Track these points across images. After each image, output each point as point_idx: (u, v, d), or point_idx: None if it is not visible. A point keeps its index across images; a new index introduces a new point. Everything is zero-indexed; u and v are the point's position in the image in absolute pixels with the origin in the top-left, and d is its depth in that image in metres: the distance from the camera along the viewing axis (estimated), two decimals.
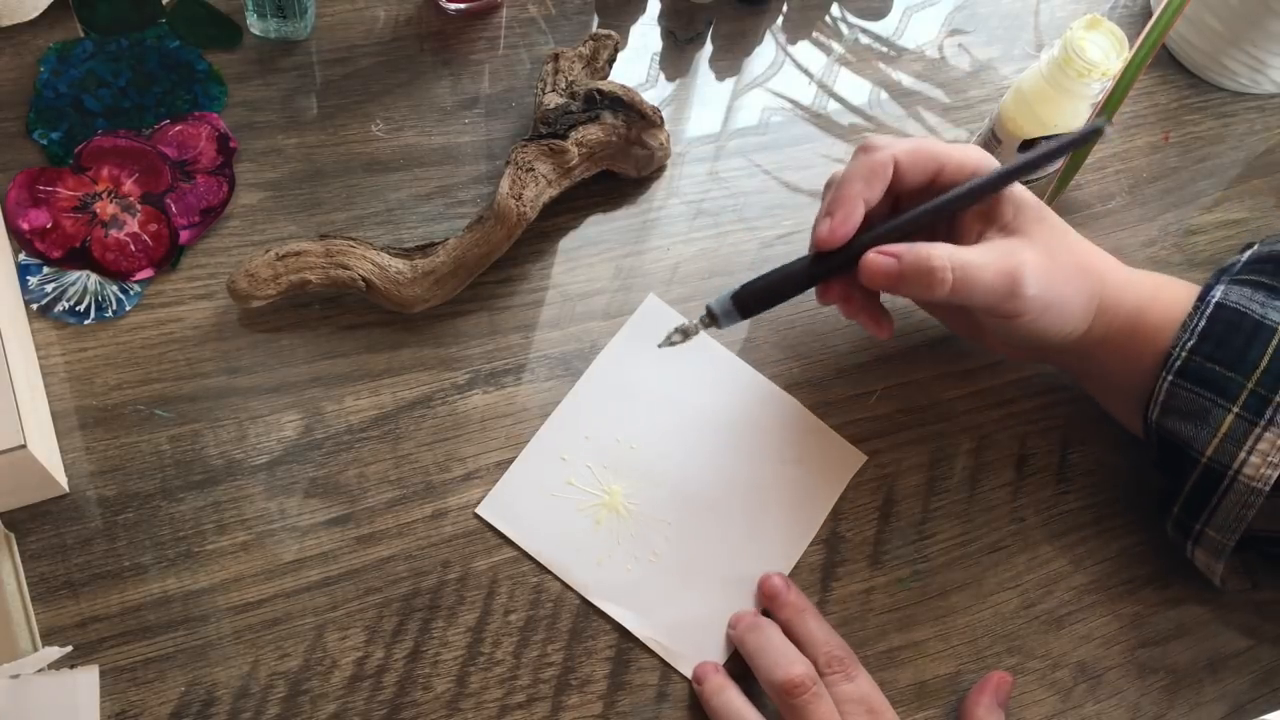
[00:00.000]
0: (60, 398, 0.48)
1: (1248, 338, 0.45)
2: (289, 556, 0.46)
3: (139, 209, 0.52)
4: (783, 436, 0.52)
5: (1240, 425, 0.44)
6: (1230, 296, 0.46)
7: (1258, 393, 0.44)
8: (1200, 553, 0.48)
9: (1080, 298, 0.47)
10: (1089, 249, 0.48)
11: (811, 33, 0.65)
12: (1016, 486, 0.52)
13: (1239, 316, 0.45)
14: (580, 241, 0.55)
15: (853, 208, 0.45)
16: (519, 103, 0.59)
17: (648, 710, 0.46)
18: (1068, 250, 0.47)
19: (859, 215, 0.45)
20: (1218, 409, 0.44)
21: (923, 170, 0.46)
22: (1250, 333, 0.45)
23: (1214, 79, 0.66)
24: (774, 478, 0.51)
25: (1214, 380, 0.45)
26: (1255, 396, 0.44)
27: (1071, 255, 0.47)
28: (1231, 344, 0.45)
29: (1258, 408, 0.44)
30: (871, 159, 0.45)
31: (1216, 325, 0.45)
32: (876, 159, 0.45)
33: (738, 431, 0.51)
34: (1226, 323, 0.45)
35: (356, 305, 0.52)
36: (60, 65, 0.54)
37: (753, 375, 0.53)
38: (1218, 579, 0.48)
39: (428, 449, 0.49)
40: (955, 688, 0.48)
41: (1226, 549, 0.46)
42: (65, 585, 0.44)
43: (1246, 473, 0.44)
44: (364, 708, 0.44)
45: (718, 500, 0.50)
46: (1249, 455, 0.44)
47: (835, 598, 0.49)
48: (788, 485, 0.51)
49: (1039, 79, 0.54)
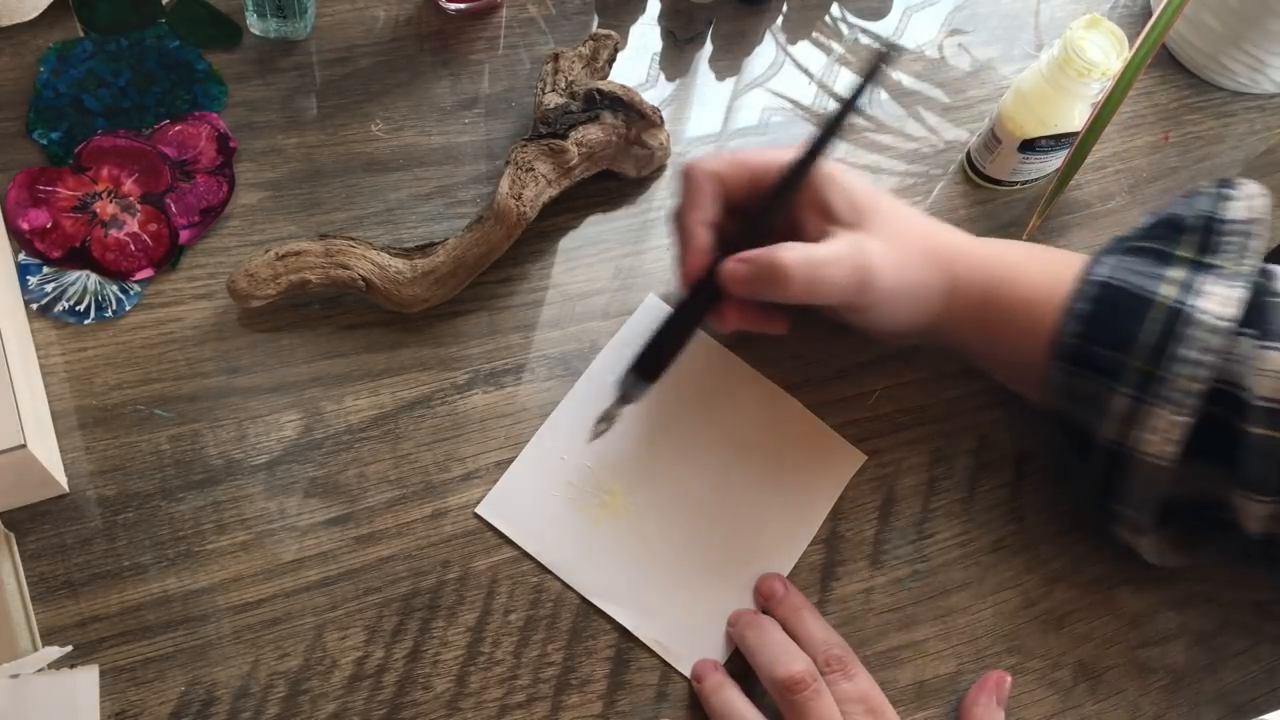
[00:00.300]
0: (60, 398, 0.48)
1: (1129, 314, 0.44)
2: (289, 556, 0.46)
3: (139, 209, 0.52)
4: (783, 436, 0.52)
5: (1131, 405, 0.44)
6: (1113, 272, 0.46)
7: (1144, 370, 0.43)
8: (1124, 532, 0.48)
9: (930, 282, 0.47)
10: (932, 229, 0.49)
11: (811, 33, 0.65)
12: (1016, 486, 0.52)
13: (1119, 294, 0.45)
14: (580, 241, 0.55)
15: (696, 237, 0.46)
16: (519, 103, 0.59)
17: (648, 710, 0.46)
18: (911, 235, 0.47)
19: (705, 241, 0.46)
20: (1108, 390, 0.44)
21: (743, 179, 0.47)
22: (1132, 309, 0.44)
23: (1214, 79, 0.66)
24: (774, 477, 0.51)
25: (1100, 362, 0.44)
26: (1141, 374, 0.43)
27: (917, 240, 0.47)
28: (1113, 323, 0.45)
29: (1145, 385, 0.43)
30: (692, 182, 0.47)
31: (1098, 305, 0.45)
32: (696, 180, 0.47)
33: (738, 431, 0.51)
34: (1108, 301, 0.45)
35: (356, 305, 0.52)
36: (60, 65, 0.55)
37: (753, 375, 0.53)
38: (1149, 556, 0.48)
39: (427, 449, 0.49)
40: (955, 687, 0.48)
41: (1147, 526, 0.46)
42: (65, 585, 0.44)
43: (1147, 451, 0.43)
44: (364, 707, 0.44)
45: (718, 500, 0.50)
46: (1145, 434, 0.43)
47: (835, 598, 0.49)
48: (788, 485, 0.51)
49: (1039, 79, 0.54)
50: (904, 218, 0.48)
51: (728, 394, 0.52)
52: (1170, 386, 0.43)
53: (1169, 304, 0.44)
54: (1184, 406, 0.43)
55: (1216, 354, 0.42)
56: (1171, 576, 0.51)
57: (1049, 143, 0.56)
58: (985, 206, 0.60)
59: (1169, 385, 0.43)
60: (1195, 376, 0.42)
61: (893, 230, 0.46)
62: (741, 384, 0.53)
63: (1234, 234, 0.45)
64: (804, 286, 0.44)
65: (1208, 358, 0.42)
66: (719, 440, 0.51)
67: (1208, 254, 0.45)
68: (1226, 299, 0.43)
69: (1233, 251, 0.45)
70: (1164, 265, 0.45)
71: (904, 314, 0.48)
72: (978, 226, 0.59)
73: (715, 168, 0.47)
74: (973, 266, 0.48)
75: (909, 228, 0.48)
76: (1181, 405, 0.43)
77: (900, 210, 0.48)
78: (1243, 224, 0.46)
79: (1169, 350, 0.43)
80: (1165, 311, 0.44)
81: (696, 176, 0.47)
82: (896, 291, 0.46)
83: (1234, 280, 0.44)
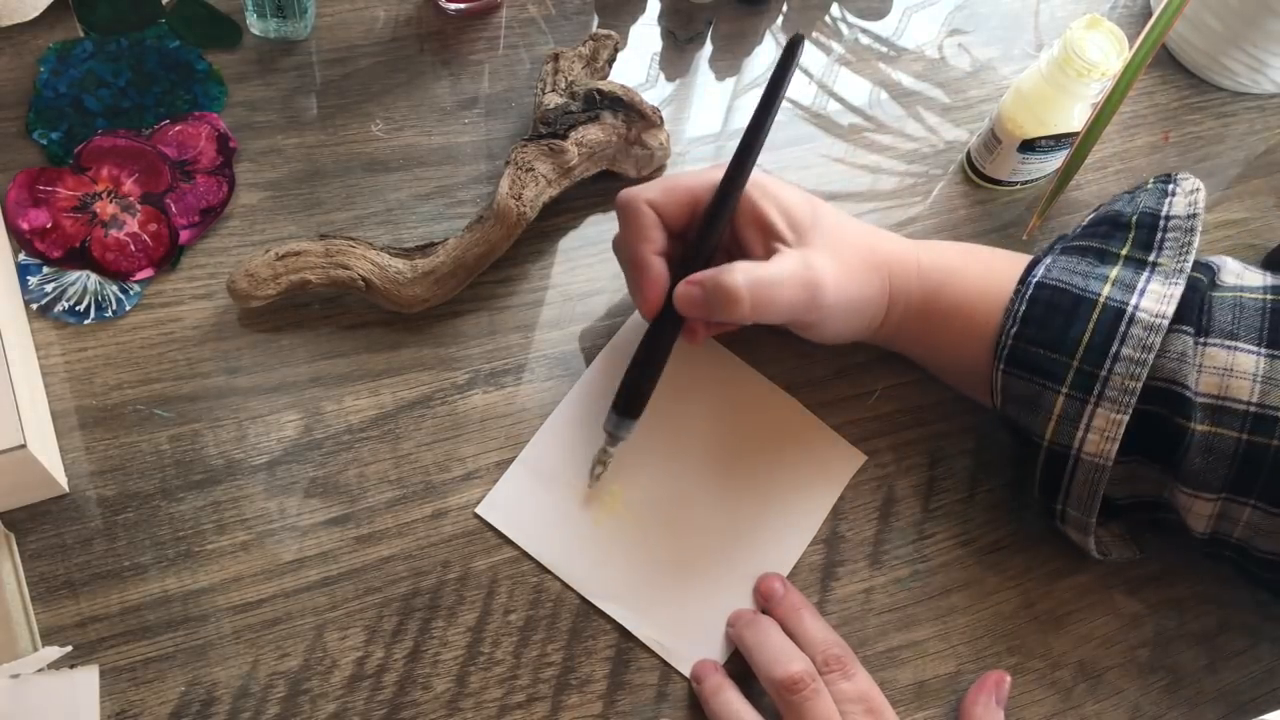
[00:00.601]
0: (60, 398, 0.48)
1: (1068, 315, 0.45)
2: (289, 556, 0.46)
3: (139, 209, 0.52)
4: (783, 436, 0.52)
5: (1072, 405, 0.44)
6: (1052, 273, 0.46)
7: (1083, 369, 0.44)
8: (1069, 530, 0.48)
9: (873, 292, 0.48)
10: (873, 239, 0.49)
11: (811, 33, 0.65)
12: (1016, 486, 0.52)
13: (1058, 295, 0.45)
14: (580, 241, 0.55)
15: (652, 268, 0.47)
16: (519, 103, 0.59)
17: (648, 710, 0.46)
18: (853, 246, 0.47)
19: (660, 270, 0.47)
20: (1048, 392, 0.44)
21: (679, 204, 0.47)
22: (1070, 309, 0.45)
23: (1214, 79, 0.66)
24: (774, 478, 0.51)
25: (1040, 364, 0.45)
26: (1081, 374, 0.44)
27: (856, 252, 0.47)
28: (1052, 324, 0.45)
29: (1086, 385, 0.44)
30: (633, 213, 0.47)
31: (1037, 307, 0.45)
32: (637, 210, 0.47)
33: (738, 431, 0.51)
34: (1046, 303, 0.45)
35: (356, 305, 0.52)
36: (60, 65, 0.55)
37: (753, 375, 0.53)
38: (1093, 552, 0.48)
39: (427, 449, 0.49)
40: (955, 687, 0.48)
41: (1090, 524, 0.46)
42: (65, 585, 0.44)
43: (1088, 450, 0.44)
44: (364, 707, 0.44)
45: (717, 500, 0.50)
46: (1086, 433, 0.44)
47: (835, 598, 0.49)
48: (788, 485, 0.51)
49: (1039, 79, 0.54)
50: (844, 229, 0.48)
51: (727, 394, 0.52)
52: (1110, 385, 0.43)
53: (1108, 303, 0.44)
54: (1123, 405, 0.43)
55: (1154, 352, 0.43)
56: (1171, 577, 0.51)
57: (1049, 143, 0.56)
58: (985, 206, 0.60)
59: (1108, 384, 0.43)
60: (1134, 375, 0.43)
61: (835, 242, 0.47)
62: (741, 384, 0.53)
63: (1175, 229, 0.46)
64: (753, 307, 0.44)
65: (1146, 356, 0.43)
66: (719, 440, 0.51)
67: (1149, 251, 0.46)
68: (1164, 296, 0.44)
69: (1173, 248, 0.45)
70: (1104, 264, 0.46)
71: (848, 325, 0.48)
72: (978, 226, 0.59)
73: (651, 196, 0.47)
74: (912, 274, 0.49)
75: (850, 239, 0.48)
76: (1120, 404, 0.43)
77: (839, 221, 0.48)
78: (1184, 219, 0.46)
79: (1108, 349, 0.43)
80: (1104, 310, 0.44)
81: (637, 206, 0.47)
82: (842, 305, 0.47)
83: (1173, 277, 0.44)
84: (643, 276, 0.47)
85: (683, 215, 0.47)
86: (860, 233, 0.49)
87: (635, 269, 0.47)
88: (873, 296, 0.48)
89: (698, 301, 0.45)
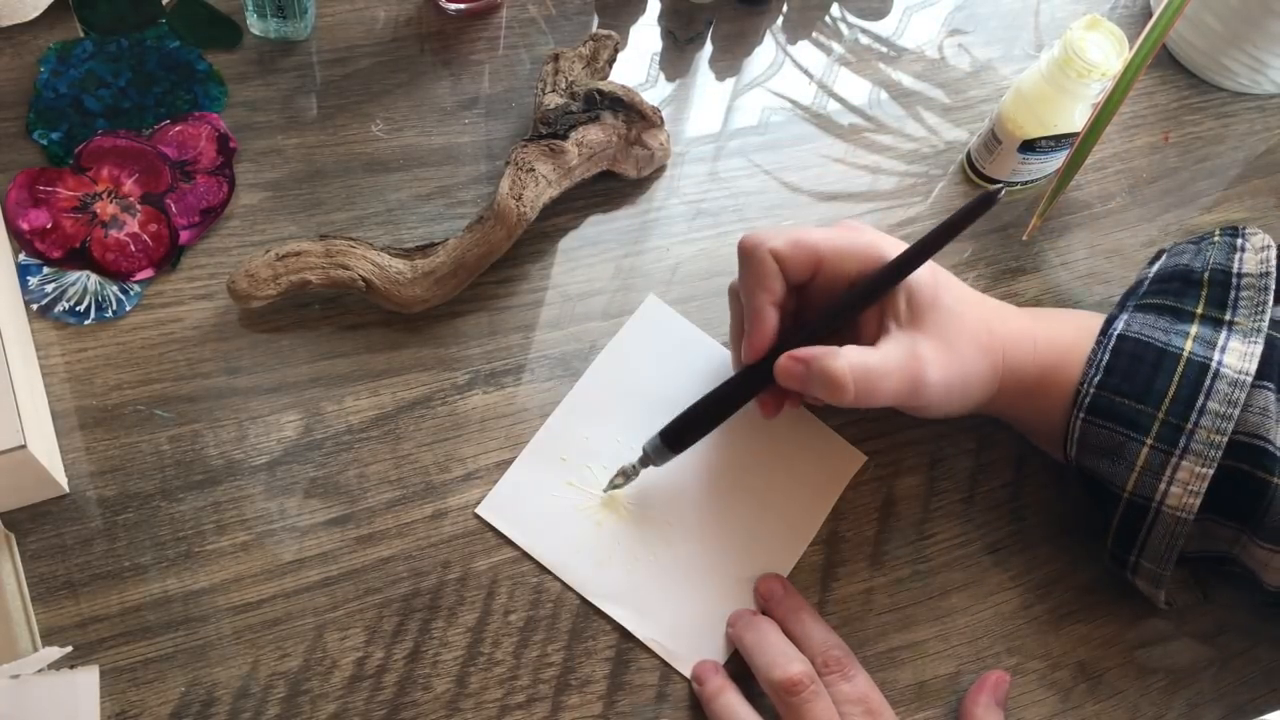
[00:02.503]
0: (60, 398, 0.48)
1: (1153, 368, 0.45)
2: (289, 556, 0.46)
3: (139, 209, 0.52)
4: (783, 436, 0.52)
5: (1156, 457, 0.44)
6: (1132, 327, 0.46)
7: (1169, 422, 0.44)
8: (1140, 581, 0.47)
9: (982, 376, 0.47)
10: (987, 319, 0.47)
11: (811, 33, 0.65)
12: (1016, 486, 0.53)
13: (1142, 348, 0.45)
14: (580, 241, 0.55)
15: (765, 318, 0.46)
16: (519, 103, 0.59)
17: (648, 710, 0.46)
18: (967, 330, 0.46)
19: (773, 323, 0.46)
20: (1132, 442, 0.44)
21: (803, 264, 0.46)
22: (1155, 362, 0.45)
23: (1214, 79, 0.66)
24: (774, 477, 0.51)
25: (1124, 414, 0.45)
26: (1167, 426, 0.44)
27: (971, 337, 0.46)
28: (1137, 376, 0.45)
29: (1171, 438, 0.43)
30: (756, 261, 0.46)
31: (1121, 358, 0.45)
32: (760, 258, 0.46)
33: (738, 431, 0.51)
34: (1130, 355, 0.45)
35: (356, 305, 0.52)
36: (60, 65, 0.54)
37: None
38: (1161, 604, 0.48)
39: (428, 449, 0.49)
40: (955, 688, 0.48)
41: (1165, 578, 0.46)
42: (65, 585, 0.44)
43: (1170, 504, 0.44)
44: (364, 708, 0.44)
45: (718, 500, 0.50)
46: (1169, 486, 0.43)
47: (835, 598, 0.49)
48: (788, 485, 0.51)
49: (1039, 79, 0.54)
50: (961, 311, 0.46)
51: None
52: (1195, 439, 0.43)
53: (1191, 357, 0.44)
54: (1208, 459, 0.43)
55: (1240, 407, 0.43)
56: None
57: (1049, 143, 0.56)
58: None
59: (1194, 437, 0.43)
60: (1220, 429, 0.43)
61: (948, 329, 0.45)
62: None
63: (1249, 288, 0.46)
64: (857, 396, 0.43)
65: (1233, 410, 0.43)
66: (719, 441, 0.51)
67: (1224, 310, 0.46)
68: (1245, 354, 0.44)
69: (1248, 307, 0.45)
70: (1181, 322, 0.46)
71: (955, 404, 0.47)
72: (978, 227, 0.58)
73: (777, 246, 0.46)
74: (1025, 353, 0.47)
75: (968, 323, 0.46)
76: (1205, 457, 0.43)
77: (958, 300, 0.47)
78: (1257, 278, 0.46)
79: (1194, 402, 0.43)
80: (1188, 364, 0.44)
81: (761, 255, 0.46)
82: (947, 388, 0.45)
83: (1252, 335, 0.45)
84: (755, 327, 0.46)
85: (805, 271, 0.46)
86: (977, 314, 0.47)
87: (750, 317, 0.46)
88: (981, 379, 0.46)
89: (798, 377, 0.45)
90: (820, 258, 0.46)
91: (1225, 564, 0.47)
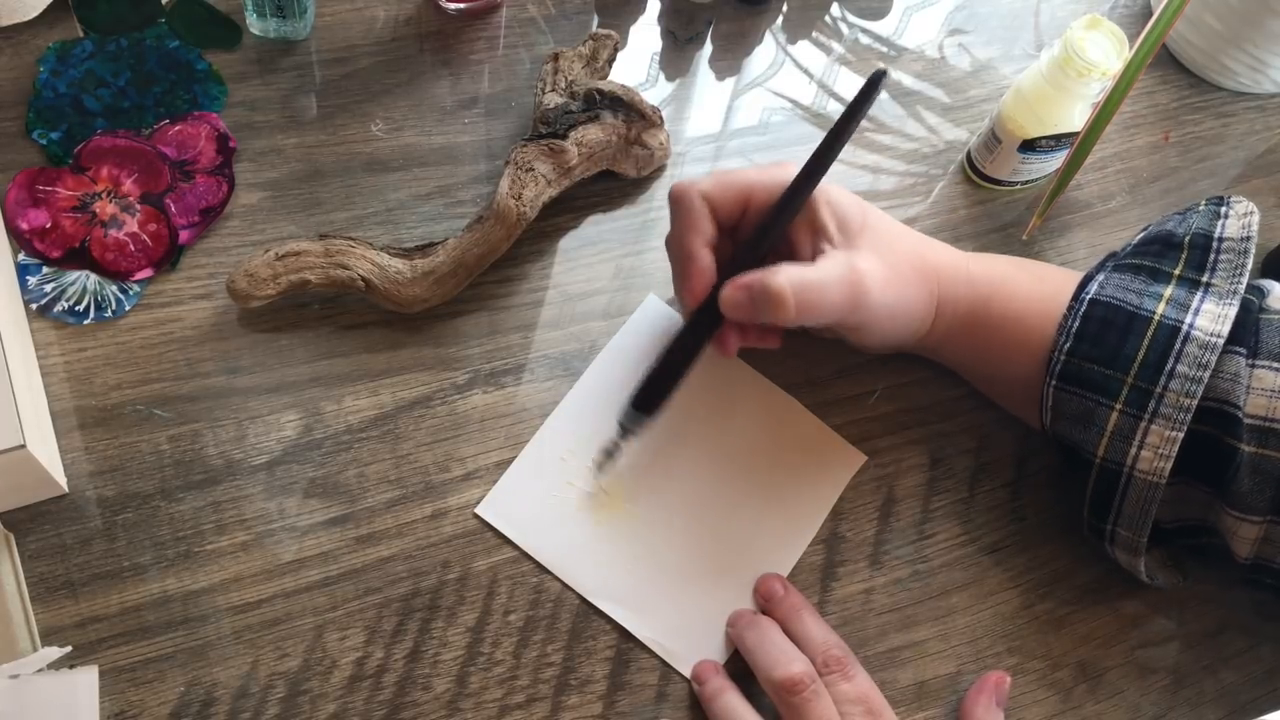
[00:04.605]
0: (60, 398, 0.48)
1: (1122, 332, 0.45)
2: (288, 556, 0.46)
3: (138, 209, 0.52)
4: (783, 436, 0.52)
5: (1126, 421, 0.44)
6: (1106, 290, 0.46)
7: (1138, 386, 0.44)
8: (1118, 552, 0.48)
9: (920, 298, 0.47)
10: (921, 246, 0.49)
11: (811, 32, 0.65)
12: (1016, 486, 0.52)
13: (1112, 311, 0.45)
14: (580, 241, 0.55)
15: (700, 260, 0.46)
16: (519, 103, 0.59)
17: (647, 710, 0.46)
18: (900, 253, 0.47)
19: (708, 263, 0.46)
20: (1101, 408, 0.44)
21: (732, 199, 0.47)
22: (1125, 326, 0.45)
23: (1214, 79, 0.66)
24: (774, 478, 0.51)
25: (1094, 380, 0.45)
26: (1136, 390, 0.44)
27: (905, 258, 0.47)
28: (1107, 341, 0.45)
29: (1140, 401, 0.44)
30: (685, 205, 0.46)
31: (1091, 323, 0.45)
32: (690, 201, 0.46)
33: (738, 431, 0.51)
34: (1100, 320, 0.45)
35: (356, 305, 0.52)
36: (60, 65, 0.54)
37: (753, 375, 0.53)
38: (1143, 575, 0.48)
39: (427, 449, 0.49)
40: (955, 688, 0.48)
41: (1141, 545, 0.46)
42: (65, 585, 0.44)
43: (1141, 468, 0.44)
44: (363, 708, 0.44)
45: (718, 500, 0.50)
46: (1140, 450, 0.44)
47: (835, 598, 0.49)
48: (788, 485, 0.51)
49: (1039, 79, 0.54)
50: (894, 234, 0.48)
51: (728, 394, 0.52)
52: (1165, 402, 0.43)
53: (1163, 321, 0.44)
54: (1177, 422, 0.43)
55: (1209, 370, 0.43)
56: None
57: (1049, 143, 0.56)
58: (985, 206, 0.60)
59: (1164, 401, 0.43)
60: (1189, 392, 0.43)
61: (883, 247, 0.47)
62: (741, 384, 0.53)
63: (1229, 251, 0.46)
64: (798, 310, 0.44)
65: (1202, 374, 0.43)
66: (719, 440, 0.51)
67: (1202, 272, 0.46)
68: (1218, 316, 0.44)
69: (1226, 269, 0.45)
70: (1157, 283, 0.46)
71: (893, 330, 0.48)
72: (978, 226, 0.59)
73: (705, 188, 0.46)
74: (960, 282, 0.49)
75: (898, 244, 0.48)
76: (1175, 421, 0.43)
77: (889, 226, 0.48)
78: (1237, 241, 0.46)
79: (1164, 366, 0.43)
80: (1159, 328, 0.44)
81: (690, 198, 0.46)
82: (887, 309, 0.46)
83: (1227, 298, 0.44)
84: (690, 268, 0.46)
85: (735, 210, 0.47)
86: (910, 240, 0.49)
87: (683, 260, 0.47)
88: (919, 302, 0.48)
89: (743, 304, 0.45)
90: (749, 194, 0.47)
91: (1202, 535, 0.47)
